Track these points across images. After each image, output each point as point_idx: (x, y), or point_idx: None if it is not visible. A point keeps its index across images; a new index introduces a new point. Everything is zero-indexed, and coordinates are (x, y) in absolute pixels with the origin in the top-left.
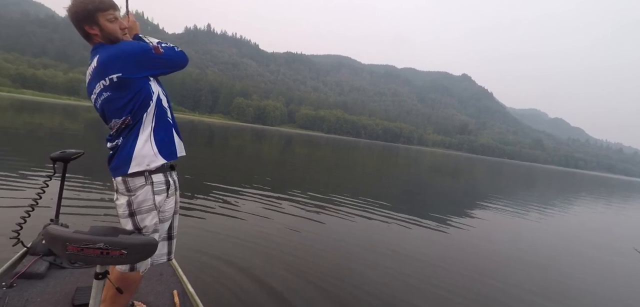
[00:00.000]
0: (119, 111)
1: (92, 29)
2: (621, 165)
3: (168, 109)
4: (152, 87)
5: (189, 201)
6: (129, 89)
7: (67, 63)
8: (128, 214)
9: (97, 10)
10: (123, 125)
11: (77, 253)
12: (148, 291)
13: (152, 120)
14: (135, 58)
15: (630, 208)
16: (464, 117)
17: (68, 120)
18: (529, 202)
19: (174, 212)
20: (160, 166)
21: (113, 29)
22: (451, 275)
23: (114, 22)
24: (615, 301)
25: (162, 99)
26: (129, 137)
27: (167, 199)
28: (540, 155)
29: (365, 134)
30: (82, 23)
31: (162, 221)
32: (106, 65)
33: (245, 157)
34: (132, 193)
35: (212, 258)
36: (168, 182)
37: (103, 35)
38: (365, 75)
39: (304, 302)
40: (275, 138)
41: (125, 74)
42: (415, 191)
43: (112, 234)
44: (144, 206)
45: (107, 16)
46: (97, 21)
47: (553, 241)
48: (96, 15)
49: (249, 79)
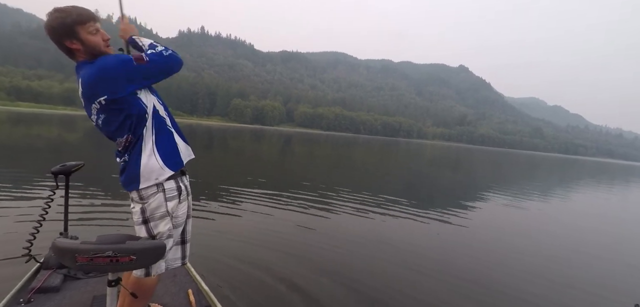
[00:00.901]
0: (118, 131)
1: (72, 44)
2: (621, 150)
3: (167, 116)
4: (143, 100)
5: (196, 203)
6: (121, 106)
7: (63, 73)
8: (142, 221)
9: (75, 23)
10: (127, 143)
11: (87, 263)
12: (163, 292)
13: (152, 134)
14: (116, 76)
15: (632, 193)
16: (462, 109)
17: (66, 131)
18: (530, 192)
19: (187, 217)
20: (170, 175)
21: (95, 42)
22: (453, 267)
23: (95, 34)
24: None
25: (158, 109)
26: (133, 153)
27: (179, 204)
28: (540, 143)
29: (364, 130)
30: (62, 38)
31: (175, 226)
32: (91, 88)
33: (246, 158)
34: (145, 201)
35: (223, 256)
36: (180, 188)
37: (85, 50)
38: (362, 70)
39: (316, 295)
40: (274, 138)
41: (110, 96)
42: (417, 184)
43: (120, 241)
44: (157, 213)
45: (88, 29)
46: (77, 35)
47: (554, 229)
48: (76, 29)
49: (245, 80)
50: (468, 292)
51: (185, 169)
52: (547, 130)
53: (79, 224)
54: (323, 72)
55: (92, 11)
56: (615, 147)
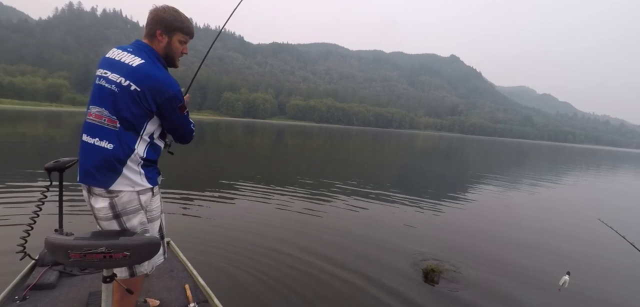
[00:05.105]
0: (116, 105)
1: (162, 37)
2: (608, 136)
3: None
4: (144, 130)
5: (191, 199)
6: (136, 106)
7: (46, 68)
8: (112, 216)
9: (178, 29)
10: (109, 123)
11: (80, 259)
12: (160, 287)
13: (144, 149)
14: (169, 97)
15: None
16: (454, 98)
17: (53, 127)
18: (520, 179)
19: (161, 212)
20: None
21: (178, 49)
22: (440, 250)
23: (182, 45)
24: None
25: (156, 143)
26: (113, 142)
27: (152, 197)
28: (530, 131)
29: (357, 121)
30: (159, 27)
31: (150, 220)
32: (145, 81)
33: (239, 152)
34: (114, 194)
35: (219, 251)
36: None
37: (165, 48)
38: (353, 62)
39: (313, 287)
40: (266, 131)
41: (146, 95)
42: (411, 176)
43: (114, 237)
44: (129, 206)
45: (180, 38)
46: (171, 35)
47: (544, 215)
48: (175, 32)
49: (236, 73)
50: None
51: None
52: (537, 119)
53: (74, 221)
54: (314, 63)
55: (193, 28)
56: (603, 133)
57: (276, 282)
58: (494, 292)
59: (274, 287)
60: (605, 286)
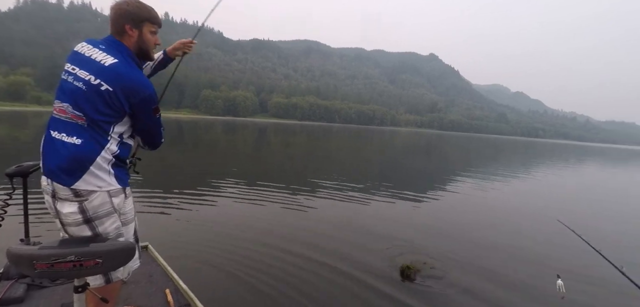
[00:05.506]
0: (81, 103)
1: (132, 31)
2: (575, 132)
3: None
4: (112, 129)
5: (171, 200)
6: (105, 105)
7: (7, 64)
8: (82, 221)
9: (146, 20)
10: (74, 118)
11: (48, 270)
12: (139, 293)
13: (116, 147)
14: (144, 98)
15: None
16: (433, 96)
17: (16, 129)
18: (494, 174)
19: (135, 214)
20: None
21: (150, 41)
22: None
23: (153, 35)
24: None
25: (127, 142)
26: (81, 137)
27: (125, 199)
28: (504, 127)
29: (339, 119)
30: (127, 22)
31: (125, 223)
32: (118, 78)
33: (219, 151)
34: (84, 198)
35: (201, 253)
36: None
37: (137, 42)
38: (335, 59)
39: (295, 285)
40: (248, 129)
41: (118, 95)
42: (392, 173)
43: (84, 244)
44: (101, 210)
45: (151, 28)
46: (141, 28)
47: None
48: (143, 23)
49: (215, 70)
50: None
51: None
52: (511, 116)
53: (43, 230)
54: (296, 61)
55: (160, 17)
56: (570, 129)
57: (260, 283)
58: (469, 289)
59: (258, 287)
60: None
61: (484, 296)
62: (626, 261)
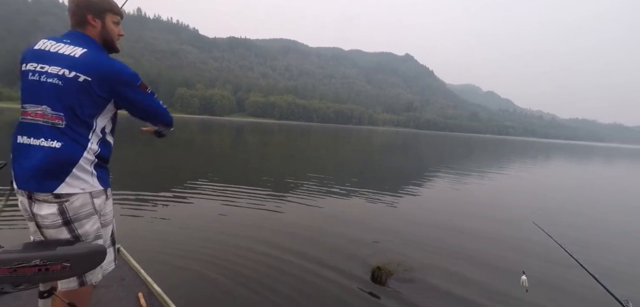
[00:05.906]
0: (60, 101)
1: (94, 21)
2: (542, 130)
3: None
4: (95, 124)
5: (144, 202)
6: (86, 97)
7: None
8: (62, 223)
9: (108, 10)
10: (53, 120)
11: (10, 275)
12: (110, 298)
13: (97, 145)
14: (123, 78)
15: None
16: (409, 96)
17: None
18: (468, 172)
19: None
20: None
21: (114, 31)
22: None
23: (116, 26)
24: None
25: (108, 141)
26: (61, 139)
27: (106, 201)
28: (477, 126)
29: (317, 118)
30: (88, 12)
31: (104, 225)
32: (94, 67)
33: (195, 151)
34: (64, 199)
35: (175, 255)
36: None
37: (101, 32)
38: (313, 58)
39: (271, 286)
40: (225, 128)
41: (98, 84)
42: (369, 171)
43: (50, 248)
44: (82, 211)
45: (113, 18)
46: (103, 18)
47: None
48: (105, 13)
49: (191, 68)
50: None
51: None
52: (483, 114)
53: (7, 233)
54: (274, 59)
55: (122, 8)
56: (537, 127)
57: (235, 284)
58: (439, 289)
59: (232, 289)
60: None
61: (453, 294)
62: (588, 259)
